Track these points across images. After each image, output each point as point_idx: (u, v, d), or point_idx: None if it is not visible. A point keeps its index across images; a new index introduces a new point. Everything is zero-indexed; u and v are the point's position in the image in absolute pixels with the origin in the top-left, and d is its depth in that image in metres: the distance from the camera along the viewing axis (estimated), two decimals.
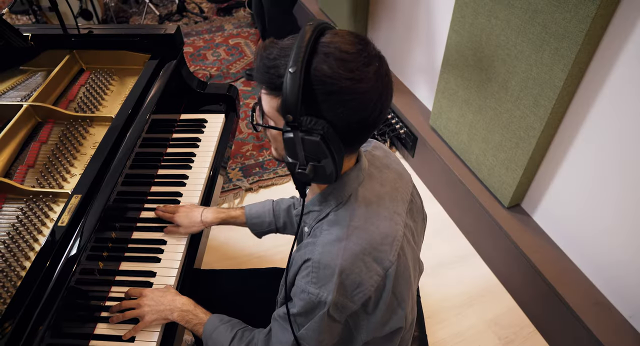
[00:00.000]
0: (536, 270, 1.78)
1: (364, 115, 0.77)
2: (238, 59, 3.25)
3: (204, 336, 1.07)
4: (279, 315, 0.95)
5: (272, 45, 0.79)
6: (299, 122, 0.75)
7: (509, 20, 1.67)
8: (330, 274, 0.83)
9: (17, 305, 0.93)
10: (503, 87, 1.79)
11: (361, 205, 0.89)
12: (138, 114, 1.33)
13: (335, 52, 0.75)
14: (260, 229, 1.33)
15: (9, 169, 1.27)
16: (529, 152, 1.76)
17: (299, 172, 0.80)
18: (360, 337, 0.92)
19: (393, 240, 0.88)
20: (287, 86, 0.73)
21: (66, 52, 1.58)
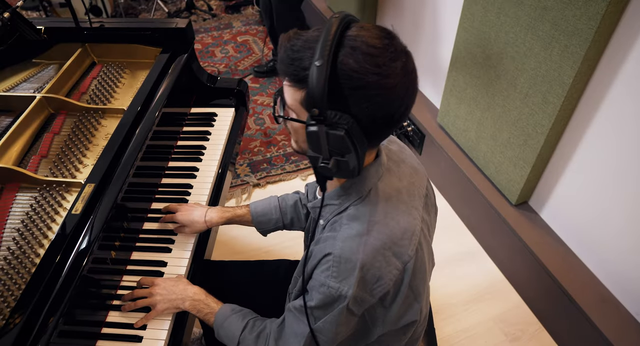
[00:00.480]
0: (543, 267, 1.79)
1: (390, 111, 0.77)
2: (246, 56, 3.27)
3: (215, 325, 1.08)
4: (295, 307, 0.95)
5: (297, 36, 0.78)
6: (324, 115, 0.75)
7: (519, 18, 1.67)
8: (351, 268, 0.83)
9: (32, 291, 0.94)
10: (512, 84, 1.80)
11: (381, 200, 0.88)
12: (150, 107, 1.34)
13: (362, 46, 0.74)
14: (267, 227, 1.31)
15: (22, 159, 1.28)
16: (537, 149, 1.76)
17: (322, 166, 0.79)
18: (376, 330, 0.93)
19: (412, 235, 0.88)
20: (314, 79, 0.72)
21: (78, 45, 1.60)
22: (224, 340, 1.07)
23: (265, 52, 3.28)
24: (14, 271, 1.03)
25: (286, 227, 1.32)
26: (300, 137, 0.85)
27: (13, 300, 0.98)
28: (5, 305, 0.97)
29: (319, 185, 0.87)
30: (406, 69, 0.77)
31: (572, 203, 1.75)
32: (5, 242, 1.08)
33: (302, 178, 2.42)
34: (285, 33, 0.81)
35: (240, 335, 1.03)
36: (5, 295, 0.99)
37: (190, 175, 1.43)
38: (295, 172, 2.45)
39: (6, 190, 1.20)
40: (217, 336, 1.09)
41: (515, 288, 1.99)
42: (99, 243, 1.06)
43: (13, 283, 1.01)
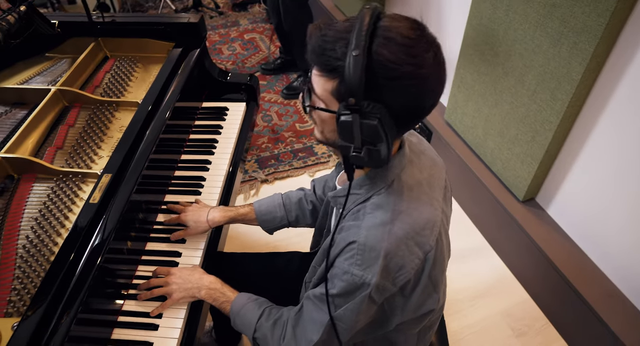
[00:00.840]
0: (550, 262, 1.80)
1: (422, 101, 0.78)
2: (253, 54, 3.29)
3: (232, 313, 1.09)
4: (315, 295, 0.96)
5: (327, 27, 0.79)
6: (360, 105, 0.75)
7: (527, 15, 1.69)
8: (375, 257, 0.84)
9: (52, 279, 0.95)
10: (520, 81, 1.81)
11: (404, 190, 0.89)
12: (164, 99, 1.35)
13: (396, 37, 0.74)
14: (272, 225, 1.31)
15: (38, 150, 1.30)
16: (545, 145, 1.77)
17: (354, 155, 0.79)
18: (395, 319, 0.94)
19: (433, 226, 0.89)
20: (350, 69, 0.73)
21: (91, 39, 1.62)
22: (240, 328, 1.08)
23: (272, 50, 3.29)
24: (33, 259, 1.04)
25: (291, 224, 1.33)
26: (327, 126, 0.86)
27: (33, 287, 1.00)
28: (25, 292, 0.99)
29: (347, 174, 0.86)
30: (438, 59, 0.78)
31: (579, 200, 1.77)
32: (24, 231, 1.10)
33: (309, 175, 2.44)
34: (314, 24, 0.81)
35: (257, 322, 1.04)
36: (25, 282, 1.00)
37: (203, 168, 1.45)
38: (302, 168, 2.46)
39: (23, 180, 1.22)
40: (233, 324, 1.10)
41: (521, 283, 2.01)
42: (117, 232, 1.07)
43: (33, 271, 1.02)
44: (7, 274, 1.02)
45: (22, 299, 0.98)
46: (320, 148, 2.58)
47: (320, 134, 0.90)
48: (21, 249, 1.06)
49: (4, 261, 1.04)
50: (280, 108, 2.85)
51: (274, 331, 1.03)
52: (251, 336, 1.07)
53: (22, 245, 1.07)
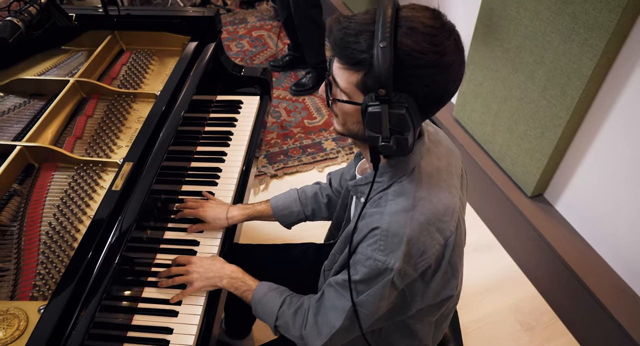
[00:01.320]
0: (559, 258, 1.81)
1: (446, 87, 0.79)
2: (261, 51, 3.30)
3: (253, 301, 1.11)
4: (337, 282, 0.97)
5: (348, 20, 0.80)
6: (389, 96, 0.76)
7: (538, 11, 1.70)
8: (398, 242, 0.85)
9: (77, 264, 0.97)
10: (530, 77, 1.82)
11: (424, 177, 0.91)
12: (182, 91, 1.37)
13: (419, 26, 0.76)
14: (289, 220, 1.33)
15: (57, 140, 1.32)
16: (554, 141, 1.78)
17: (383, 145, 0.80)
18: (415, 304, 0.95)
19: (453, 212, 0.91)
20: (380, 60, 0.74)
21: (107, 32, 1.63)
22: (262, 316, 1.10)
23: (280, 47, 3.31)
24: (56, 245, 1.06)
25: (308, 218, 1.34)
26: (351, 118, 0.87)
27: (57, 273, 1.02)
28: (50, 277, 1.00)
29: (374, 164, 0.87)
30: (459, 46, 0.79)
31: (587, 195, 1.78)
32: (46, 218, 1.11)
33: (318, 170, 2.45)
34: (332, 17, 0.83)
35: (279, 310, 1.06)
36: (49, 268, 1.02)
37: (219, 159, 1.46)
38: (311, 163, 2.48)
39: (43, 169, 1.23)
40: (255, 312, 1.11)
41: (529, 278, 2.02)
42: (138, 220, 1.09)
43: (56, 257, 1.04)
44: (32, 259, 1.03)
45: (46, 283, 0.99)
46: (329, 144, 2.60)
47: (342, 127, 0.91)
48: (44, 235, 1.08)
49: (28, 247, 1.06)
50: (289, 104, 2.86)
51: (296, 320, 1.04)
52: (273, 325, 1.08)
53: (45, 232, 1.08)
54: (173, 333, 1.08)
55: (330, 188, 1.33)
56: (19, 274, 1.01)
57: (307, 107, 2.85)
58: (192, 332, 1.08)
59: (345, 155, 2.54)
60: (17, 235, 1.09)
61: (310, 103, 2.87)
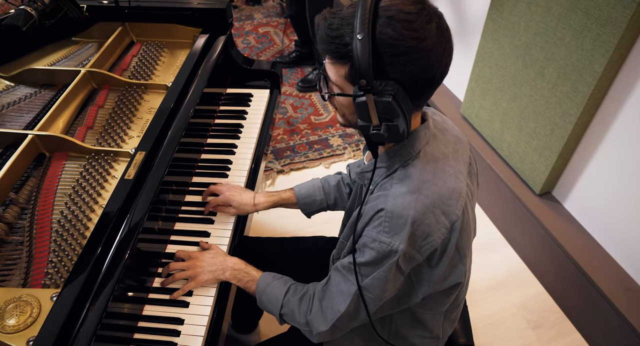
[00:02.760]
0: (567, 256, 1.80)
1: (431, 71, 0.80)
2: (268, 47, 3.30)
3: (258, 292, 1.10)
4: (343, 266, 0.97)
5: (332, 15, 0.82)
6: (372, 85, 0.78)
7: (550, 7, 1.70)
8: (402, 223, 0.86)
9: (89, 253, 0.97)
10: (540, 74, 1.82)
11: (429, 161, 0.91)
12: (194, 82, 1.37)
13: (398, 14, 0.77)
14: (312, 208, 1.34)
15: (69, 129, 1.31)
16: (564, 138, 1.78)
17: (374, 133, 0.82)
18: (421, 290, 0.95)
19: (459, 196, 0.91)
20: (358, 52, 0.76)
21: (118, 24, 1.63)
22: (267, 305, 1.09)
23: (286, 43, 3.31)
24: (68, 233, 1.06)
25: (330, 208, 1.35)
26: (348, 109, 0.89)
27: (69, 261, 1.01)
28: (62, 265, 1.00)
29: (372, 151, 0.90)
30: (441, 29, 0.80)
31: (597, 193, 1.77)
32: (58, 207, 1.11)
33: (325, 166, 2.45)
34: (319, 14, 0.85)
35: (284, 298, 1.06)
36: (61, 256, 1.02)
37: (229, 152, 1.46)
38: (318, 159, 2.48)
39: (55, 158, 1.23)
40: (259, 303, 1.11)
41: (537, 276, 2.01)
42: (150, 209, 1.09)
43: (68, 245, 1.03)
44: (44, 247, 1.03)
45: (58, 271, 0.99)
46: (336, 140, 2.59)
47: (343, 118, 0.94)
48: (56, 224, 1.07)
49: (39, 234, 1.05)
50: (296, 101, 2.86)
51: (301, 306, 1.04)
52: (278, 313, 1.08)
53: (57, 220, 1.08)
54: (184, 323, 1.07)
55: (350, 178, 1.33)
56: (30, 262, 1.01)
57: (313, 103, 2.84)
58: (203, 323, 1.08)
59: (352, 151, 2.53)
60: (29, 223, 1.08)
61: (317, 99, 2.86)
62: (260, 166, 1.49)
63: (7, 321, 0.90)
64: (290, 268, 1.34)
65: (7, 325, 0.90)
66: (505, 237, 2.18)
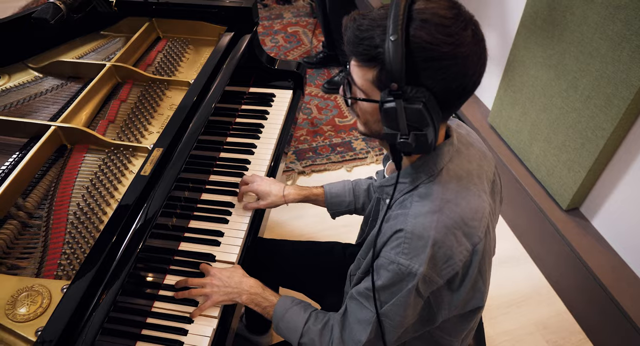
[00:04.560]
0: (593, 275, 1.73)
1: (464, 80, 0.76)
2: (296, 47, 3.30)
3: (275, 318, 1.06)
4: (359, 293, 0.93)
5: (361, 16, 0.79)
6: (402, 90, 0.74)
7: (587, 16, 1.63)
8: (423, 245, 0.82)
9: (102, 246, 0.97)
10: (572, 85, 1.75)
11: (452, 179, 0.87)
12: (216, 80, 1.36)
13: (433, 18, 0.73)
14: (339, 209, 1.30)
15: (91, 122, 1.32)
16: (595, 153, 1.71)
17: (402, 141, 0.78)
18: (441, 314, 0.90)
19: (482, 217, 0.87)
20: (390, 55, 0.72)
21: (145, 19, 1.64)
22: (284, 332, 1.05)
23: (314, 44, 3.30)
24: (83, 226, 1.06)
25: (357, 211, 1.31)
26: (372, 116, 0.85)
27: (82, 253, 1.01)
28: (74, 257, 1.00)
29: (396, 163, 0.85)
30: (477, 37, 0.76)
31: (627, 212, 1.70)
32: (75, 199, 1.12)
33: (347, 169, 2.42)
34: (348, 16, 0.81)
35: (304, 327, 1.02)
36: (75, 248, 1.02)
37: (248, 151, 1.45)
38: (340, 162, 2.45)
39: (75, 150, 1.24)
40: (276, 329, 1.07)
41: (559, 295, 1.94)
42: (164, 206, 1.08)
43: (82, 238, 1.04)
44: (58, 238, 1.03)
45: (71, 263, 0.99)
46: (359, 143, 2.56)
47: (364, 126, 0.89)
48: (72, 216, 1.08)
49: (56, 225, 1.06)
50: (321, 102, 2.84)
51: (323, 337, 0.99)
52: (297, 342, 1.03)
53: (73, 212, 1.08)
54: (193, 322, 1.07)
55: None
56: (45, 252, 1.02)
57: (338, 105, 2.82)
58: (211, 324, 1.07)
59: (375, 155, 2.50)
60: (47, 213, 1.09)
61: (342, 101, 2.84)
62: (278, 167, 1.48)
63: (18, 310, 0.91)
64: (304, 273, 1.32)
65: (18, 314, 0.90)
66: (527, 251, 2.11)
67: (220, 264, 1.18)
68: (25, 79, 1.45)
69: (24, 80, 1.45)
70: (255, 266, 1.24)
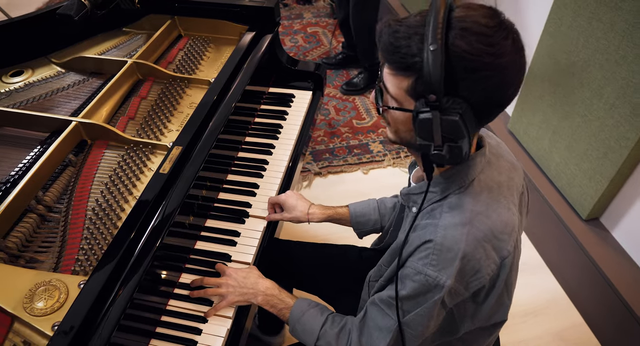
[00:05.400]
0: (612, 287, 1.70)
1: (504, 91, 0.74)
2: (315, 47, 3.29)
3: (291, 320, 1.05)
4: (381, 300, 0.92)
5: (397, 23, 0.76)
6: (440, 101, 0.72)
7: (614, 23, 1.60)
8: (452, 258, 0.80)
9: (119, 242, 0.97)
10: (597, 93, 1.72)
11: (483, 191, 0.85)
12: (236, 80, 1.36)
13: (473, 27, 0.71)
14: (365, 228, 1.28)
15: (111, 119, 1.33)
16: (617, 163, 1.67)
17: (436, 153, 0.76)
18: (463, 326, 0.89)
19: (512, 230, 0.85)
20: (430, 64, 0.70)
21: (168, 17, 1.65)
22: (300, 335, 1.04)
23: (334, 45, 3.29)
24: (101, 222, 1.06)
25: (382, 230, 1.28)
26: (404, 126, 0.82)
27: (99, 249, 1.02)
28: (92, 253, 1.01)
29: (427, 173, 0.83)
30: (517, 46, 0.74)
31: None
32: (94, 195, 1.12)
33: (363, 172, 2.41)
34: (383, 21, 0.79)
35: (321, 329, 1.00)
36: (92, 244, 1.03)
37: (266, 152, 1.45)
38: (357, 164, 2.44)
39: (95, 146, 1.25)
40: (292, 331, 1.06)
41: (576, 306, 1.91)
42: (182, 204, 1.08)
43: (100, 234, 1.04)
44: (77, 233, 1.04)
45: (88, 259, 1.00)
46: (376, 146, 2.55)
47: (394, 134, 0.87)
48: (90, 211, 1.09)
49: (74, 221, 1.07)
50: (339, 103, 2.83)
51: (339, 340, 0.98)
52: (313, 345, 1.02)
53: (92, 208, 1.09)
54: (207, 322, 1.06)
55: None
56: (63, 247, 1.02)
57: (356, 107, 2.81)
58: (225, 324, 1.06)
59: (392, 158, 2.48)
60: (65, 207, 1.10)
61: (360, 103, 2.83)
62: (296, 168, 1.47)
63: (35, 304, 0.91)
64: (318, 275, 1.31)
65: (36, 308, 0.91)
66: (545, 260, 2.08)
67: (236, 264, 1.17)
68: (48, 74, 1.47)
69: (47, 74, 1.46)
70: (270, 267, 1.23)
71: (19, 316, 0.90)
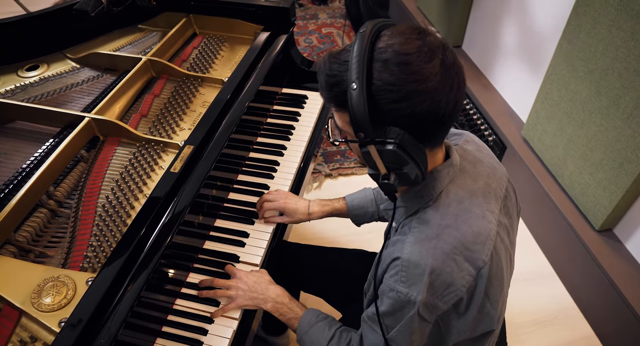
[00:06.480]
0: (624, 300, 1.67)
1: (438, 111, 0.73)
2: (329, 48, 3.28)
3: (299, 330, 1.05)
4: (368, 316, 0.93)
5: (332, 59, 0.77)
6: (372, 136, 0.73)
7: (635, 32, 1.57)
8: (420, 273, 0.80)
9: (128, 240, 0.97)
10: (614, 102, 1.69)
11: (452, 203, 0.85)
12: (250, 80, 1.35)
13: (393, 57, 0.71)
14: (363, 219, 1.30)
15: (124, 115, 1.33)
16: (634, 174, 1.64)
17: (383, 183, 0.77)
18: (451, 338, 0.89)
19: (486, 240, 0.84)
20: (353, 104, 0.71)
21: (183, 15, 1.65)
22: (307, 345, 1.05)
23: None
24: (111, 219, 1.06)
25: (381, 219, 1.30)
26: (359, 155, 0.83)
27: (108, 247, 1.02)
28: (101, 250, 1.01)
29: (389, 197, 0.84)
30: (445, 64, 0.73)
31: None
32: (104, 191, 1.12)
33: None
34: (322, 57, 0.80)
35: (328, 345, 1.01)
36: (101, 240, 1.02)
37: (278, 153, 1.44)
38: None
39: (107, 142, 1.25)
40: (299, 341, 1.06)
41: (587, 318, 1.88)
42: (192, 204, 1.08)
43: (109, 231, 1.04)
44: (86, 230, 1.04)
45: (97, 256, 1.00)
46: None
47: (360, 159, 0.87)
48: (100, 208, 1.08)
49: (84, 217, 1.07)
50: None
51: None
52: None
53: (102, 205, 1.09)
54: (213, 323, 1.06)
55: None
56: (72, 243, 1.02)
57: None
58: (231, 326, 1.06)
59: None
60: (76, 203, 1.10)
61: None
62: (307, 169, 1.46)
63: (43, 300, 0.92)
64: (327, 280, 1.31)
65: (43, 303, 0.91)
66: (555, 270, 2.05)
67: (244, 265, 1.17)
68: (63, 69, 1.47)
69: (62, 70, 1.47)
70: (278, 270, 1.23)
71: (26, 311, 0.90)
